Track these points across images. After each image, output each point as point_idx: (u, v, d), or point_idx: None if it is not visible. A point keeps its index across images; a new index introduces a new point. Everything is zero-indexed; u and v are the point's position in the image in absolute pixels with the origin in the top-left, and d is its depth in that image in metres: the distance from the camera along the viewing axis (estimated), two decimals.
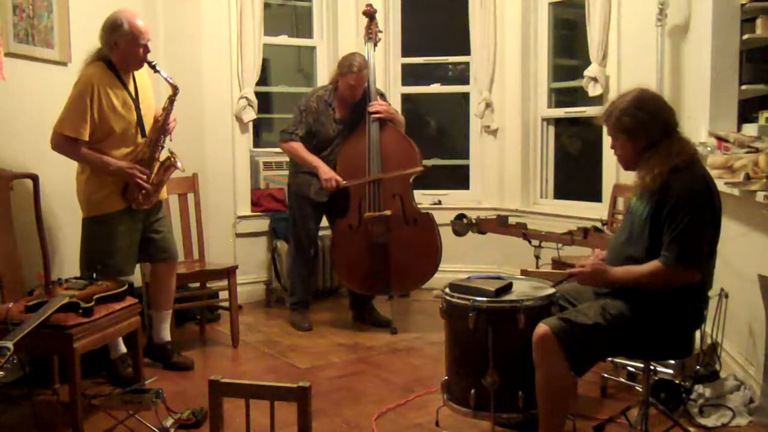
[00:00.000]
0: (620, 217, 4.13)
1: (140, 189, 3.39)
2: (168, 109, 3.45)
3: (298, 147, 4.36)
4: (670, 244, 2.39)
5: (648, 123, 2.48)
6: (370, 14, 4.56)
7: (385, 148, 4.37)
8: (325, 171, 4.29)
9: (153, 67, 3.40)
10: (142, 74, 3.50)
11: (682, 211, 2.38)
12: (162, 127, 3.45)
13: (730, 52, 3.58)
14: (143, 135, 3.44)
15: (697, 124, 3.68)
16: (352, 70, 4.27)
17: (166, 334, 3.76)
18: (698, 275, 2.42)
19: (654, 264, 2.41)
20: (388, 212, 4.33)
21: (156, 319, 3.75)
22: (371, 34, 4.52)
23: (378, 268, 4.37)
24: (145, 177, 3.38)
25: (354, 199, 4.39)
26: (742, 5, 3.50)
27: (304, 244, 4.52)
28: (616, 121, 2.51)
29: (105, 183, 3.38)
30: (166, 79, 3.43)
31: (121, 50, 3.31)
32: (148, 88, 3.52)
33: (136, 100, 3.41)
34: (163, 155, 3.52)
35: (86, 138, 3.26)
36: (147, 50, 3.36)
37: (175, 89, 3.44)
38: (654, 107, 2.51)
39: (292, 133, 4.36)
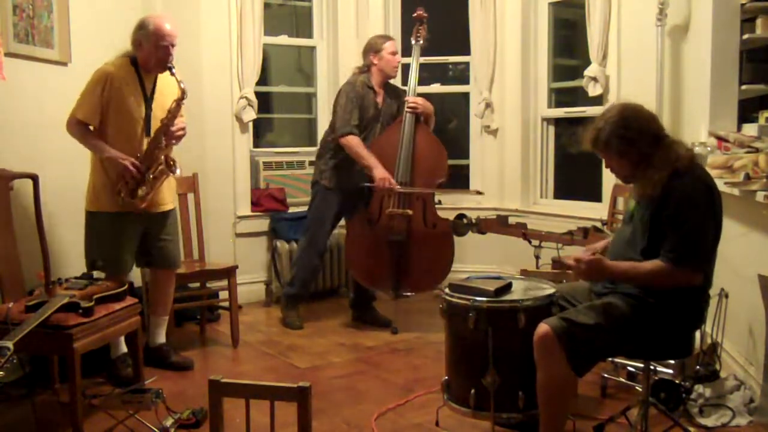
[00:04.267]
0: (620, 217, 4.13)
1: (129, 183, 3.38)
2: (173, 112, 3.46)
3: (357, 143, 4.30)
4: (674, 246, 2.38)
5: (637, 139, 2.46)
6: (420, 19, 4.68)
7: (418, 152, 4.39)
8: (381, 171, 4.26)
9: (170, 69, 3.44)
10: (171, 81, 3.50)
11: (685, 213, 2.38)
12: (164, 128, 3.45)
13: (730, 52, 3.58)
14: (149, 134, 3.46)
15: (697, 124, 3.68)
16: (387, 40, 4.47)
17: (162, 338, 3.78)
18: (699, 277, 2.43)
19: (656, 263, 2.41)
20: (410, 212, 4.36)
21: (153, 324, 3.77)
22: (419, 36, 4.65)
23: (390, 265, 4.38)
24: (136, 171, 3.37)
25: (377, 194, 4.39)
26: (742, 5, 3.50)
27: (320, 240, 4.51)
28: (605, 144, 2.49)
29: (101, 179, 3.43)
30: (178, 83, 3.46)
31: (144, 50, 3.42)
32: (171, 95, 3.50)
33: (149, 100, 3.46)
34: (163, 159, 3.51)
35: (95, 123, 3.38)
36: (168, 53, 3.41)
37: (183, 93, 3.46)
38: (639, 122, 2.48)
39: (349, 125, 4.31)
